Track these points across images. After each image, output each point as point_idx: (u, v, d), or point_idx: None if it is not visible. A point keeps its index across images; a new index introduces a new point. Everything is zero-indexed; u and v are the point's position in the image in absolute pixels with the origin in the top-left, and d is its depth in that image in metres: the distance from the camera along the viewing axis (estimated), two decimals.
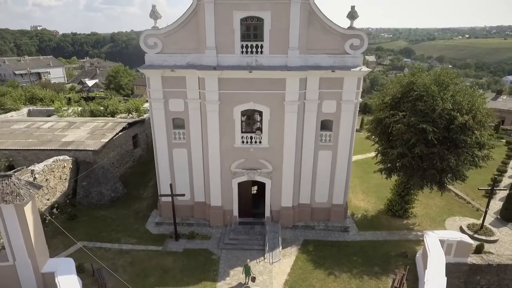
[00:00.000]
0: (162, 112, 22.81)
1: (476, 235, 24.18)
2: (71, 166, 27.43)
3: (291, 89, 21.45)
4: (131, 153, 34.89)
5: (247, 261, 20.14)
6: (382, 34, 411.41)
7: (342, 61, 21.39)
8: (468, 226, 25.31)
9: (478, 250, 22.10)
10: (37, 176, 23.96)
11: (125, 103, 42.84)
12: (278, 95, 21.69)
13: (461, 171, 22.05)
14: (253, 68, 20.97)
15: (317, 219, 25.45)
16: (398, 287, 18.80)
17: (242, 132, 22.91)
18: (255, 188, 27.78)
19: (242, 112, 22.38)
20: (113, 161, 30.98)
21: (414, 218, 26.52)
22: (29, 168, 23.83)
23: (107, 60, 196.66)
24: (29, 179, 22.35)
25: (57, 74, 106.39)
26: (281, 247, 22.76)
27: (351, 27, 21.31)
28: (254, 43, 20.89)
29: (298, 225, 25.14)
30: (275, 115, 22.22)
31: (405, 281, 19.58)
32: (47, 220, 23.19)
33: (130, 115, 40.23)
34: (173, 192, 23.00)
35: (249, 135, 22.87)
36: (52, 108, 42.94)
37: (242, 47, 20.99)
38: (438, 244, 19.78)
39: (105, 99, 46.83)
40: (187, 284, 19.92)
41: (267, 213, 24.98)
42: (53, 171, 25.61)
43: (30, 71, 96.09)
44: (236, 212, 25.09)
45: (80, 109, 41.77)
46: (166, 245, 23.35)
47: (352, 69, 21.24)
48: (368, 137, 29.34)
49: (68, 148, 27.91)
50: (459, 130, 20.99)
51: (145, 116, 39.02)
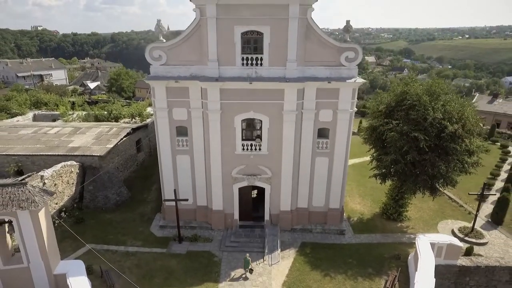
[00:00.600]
0: (166, 120, 23.87)
1: (466, 238, 25.26)
2: (78, 171, 28.51)
3: (289, 99, 22.53)
4: (135, 157, 35.97)
5: (246, 255, 21.63)
6: (382, 34, 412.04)
7: (338, 73, 22.46)
8: (460, 229, 26.37)
9: (468, 252, 23.15)
10: (46, 181, 25.02)
11: (128, 107, 43.90)
12: (277, 105, 22.77)
13: (451, 177, 23.10)
14: (253, 79, 22.04)
15: (314, 222, 26.52)
16: (390, 287, 19.88)
17: (242, 139, 23.99)
18: (255, 192, 28.85)
19: (242, 120, 23.48)
20: (117, 165, 32.06)
21: (408, 221, 27.59)
22: (39, 174, 24.88)
23: (107, 61, 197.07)
24: (39, 184, 23.43)
25: (59, 76, 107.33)
26: (279, 249, 23.84)
27: (346, 41, 22.40)
28: (254, 56, 21.96)
29: (296, 228, 26.21)
30: (274, 123, 23.29)
31: (397, 282, 20.67)
32: (56, 223, 24.23)
33: (134, 120, 41.31)
34: (177, 197, 24.08)
35: (249, 142, 23.95)
36: (57, 113, 44.05)
37: (242, 59, 22.06)
38: (429, 247, 20.83)
39: (108, 103, 47.95)
40: (190, 285, 21.01)
41: (266, 216, 26.08)
42: (61, 176, 26.68)
43: (33, 73, 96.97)
44: (236, 216, 26.17)
45: (84, 113, 42.85)
46: (170, 247, 24.43)
47: (347, 80, 22.29)
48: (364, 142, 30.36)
49: (75, 153, 28.99)
50: (449, 138, 22.10)
51: (148, 120, 40.09)
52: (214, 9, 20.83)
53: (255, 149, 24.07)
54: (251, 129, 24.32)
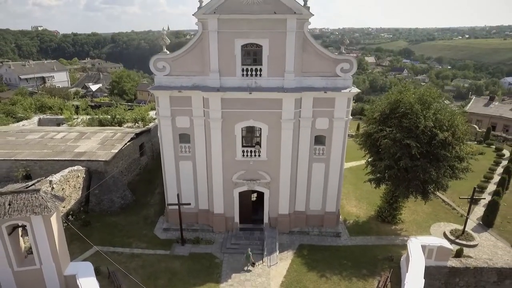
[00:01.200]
0: (169, 128, 24.96)
1: (457, 240, 26.33)
2: (84, 176, 29.57)
3: (287, 108, 23.63)
4: (138, 161, 37.02)
5: (248, 250, 22.93)
6: (382, 34, 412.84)
7: (334, 83, 23.54)
8: (451, 232, 27.43)
9: (458, 254, 24.22)
10: (54, 186, 26.09)
11: (131, 112, 44.93)
12: (276, 113, 23.86)
13: (441, 182, 24.17)
14: (252, 89, 23.13)
15: (311, 225, 27.61)
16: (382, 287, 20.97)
17: (242, 146, 25.09)
18: (254, 195, 29.93)
19: (242, 128, 24.60)
20: (121, 169, 33.12)
21: (402, 224, 28.64)
22: (47, 179, 25.96)
23: (108, 61, 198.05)
24: (48, 189, 24.50)
25: (61, 78, 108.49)
26: (278, 251, 24.92)
27: (341, 53, 23.47)
28: (254, 67, 23.07)
29: (294, 231, 27.29)
30: (272, 131, 24.40)
31: (389, 283, 21.75)
32: (64, 226, 25.28)
33: (137, 124, 42.35)
34: (179, 202, 25.17)
35: (249, 149, 25.05)
36: (62, 117, 45.11)
37: (242, 70, 23.17)
38: (420, 249, 21.91)
39: (110, 106, 48.96)
40: (193, 285, 22.09)
41: (265, 219, 27.20)
42: (68, 181, 27.75)
43: (36, 76, 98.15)
44: (237, 219, 27.27)
45: (88, 117, 43.92)
46: (173, 249, 25.51)
47: (342, 90, 23.37)
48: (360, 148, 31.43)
49: (81, 158, 30.04)
50: (440, 145, 23.17)
51: (150, 125, 41.12)
52: (216, 23, 21.94)
53: (255, 155, 25.15)
54: (250, 136, 25.39)
